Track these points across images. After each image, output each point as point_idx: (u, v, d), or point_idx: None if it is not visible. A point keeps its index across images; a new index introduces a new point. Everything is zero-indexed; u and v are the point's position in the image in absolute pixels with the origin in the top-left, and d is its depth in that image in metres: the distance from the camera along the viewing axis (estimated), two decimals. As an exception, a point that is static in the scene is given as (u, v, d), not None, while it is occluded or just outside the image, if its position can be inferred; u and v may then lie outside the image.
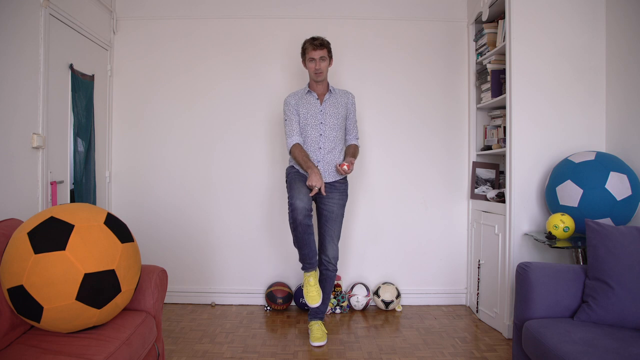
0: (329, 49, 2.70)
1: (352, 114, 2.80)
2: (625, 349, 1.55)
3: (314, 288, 2.58)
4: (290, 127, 2.69)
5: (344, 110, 2.74)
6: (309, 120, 2.70)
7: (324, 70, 2.68)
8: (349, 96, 2.80)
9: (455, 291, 3.42)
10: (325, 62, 2.68)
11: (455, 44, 3.42)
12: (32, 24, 2.40)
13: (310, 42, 2.67)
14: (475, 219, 3.23)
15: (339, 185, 2.73)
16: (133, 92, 3.40)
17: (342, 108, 2.74)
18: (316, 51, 2.64)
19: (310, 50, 2.65)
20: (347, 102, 2.78)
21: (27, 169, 2.37)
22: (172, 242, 3.40)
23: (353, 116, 2.81)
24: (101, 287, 1.61)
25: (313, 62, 2.66)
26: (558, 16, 2.64)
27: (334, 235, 2.70)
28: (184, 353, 2.49)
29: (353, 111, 2.81)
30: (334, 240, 2.70)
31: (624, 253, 1.82)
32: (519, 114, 2.63)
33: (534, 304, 1.92)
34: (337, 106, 2.73)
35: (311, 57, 2.66)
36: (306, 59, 2.70)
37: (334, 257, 2.70)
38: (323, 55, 2.66)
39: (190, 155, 3.41)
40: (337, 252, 2.72)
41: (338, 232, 2.71)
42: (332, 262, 2.69)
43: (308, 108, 2.71)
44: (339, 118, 2.72)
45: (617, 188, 2.23)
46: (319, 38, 2.67)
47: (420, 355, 2.49)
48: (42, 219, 1.63)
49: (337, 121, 2.71)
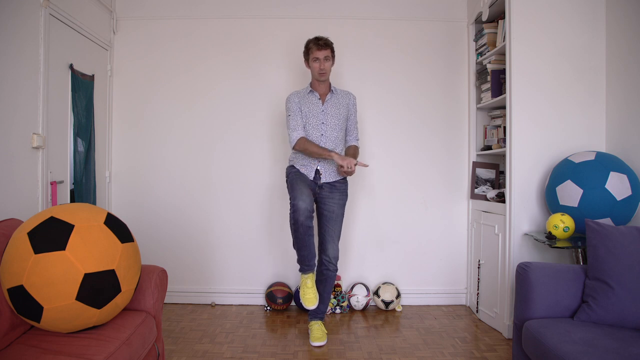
0: (332, 49, 2.70)
1: (353, 114, 2.80)
2: (625, 349, 1.55)
3: (311, 290, 2.58)
4: (294, 122, 2.67)
5: (345, 111, 2.74)
6: (310, 120, 2.69)
7: (327, 70, 2.68)
8: (351, 97, 2.80)
9: (455, 291, 3.42)
10: (329, 62, 2.69)
11: (455, 44, 3.42)
12: (32, 24, 2.40)
13: (314, 42, 2.66)
14: (475, 219, 3.23)
15: (339, 185, 2.73)
16: (133, 92, 3.40)
17: (344, 108, 2.74)
18: (321, 51, 2.64)
19: (315, 50, 2.65)
20: (349, 103, 2.77)
21: (27, 169, 2.37)
22: (172, 242, 3.40)
23: (354, 117, 2.81)
24: (101, 287, 1.61)
25: (317, 62, 2.66)
26: (558, 16, 2.64)
27: (335, 235, 2.69)
28: (184, 353, 2.49)
29: (354, 112, 2.81)
30: (335, 240, 2.70)
31: (624, 253, 1.82)
32: (519, 114, 2.63)
33: (534, 304, 1.92)
34: (339, 106, 2.73)
35: (315, 56, 2.65)
36: (310, 59, 2.70)
37: (334, 257, 2.69)
38: (327, 55, 2.66)
39: (190, 155, 3.41)
40: (338, 252, 2.72)
41: (338, 232, 2.71)
42: (332, 262, 2.69)
43: (310, 108, 2.71)
44: (340, 118, 2.72)
45: (617, 188, 2.23)
46: (323, 38, 2.67)
47: (420, 355, 2.49)
48: (42, 219, 1.63)
49: (339, 121, 2.71)
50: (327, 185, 2.69)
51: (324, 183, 2.70)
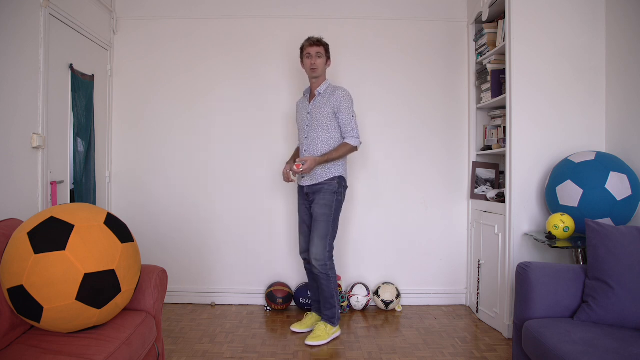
0: (326, 48, 2.73)
1: (343, 111, 2.64)
2: (625, 349, 1.55)
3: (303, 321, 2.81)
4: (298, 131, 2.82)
5: (329, 109, 2.64)
6: (300, 125, 2.79)
7: (319, 67, 2.69)
8: (338, 92, 2.65)
9: (455, 291, 3.42)
10: (322, 59, 2.70)
11: (455, 44, 3.42)
12: (32, 24, 2.40)
13: (307, 40, 2.73)
14: (475, 219, 3.23)
15: (320, 186, 2.68)
16: (133, 92, 3.40)
17: (328, 107, 2.65)
18: (312, 47, 2.68)
19: (307, 47, 2.70)
20: (335, 99, 2.64)
21: (27, 169, 2.37)
22: (172, 242, 3.40)
23: (345, 114, 2.64)
24: (101, 287, 1.61)
25: (309, 58, 2.69)
26: (558, 16, 2.64)
27: (315, 234, 2.64)
28: (184, 353, 2.49)
29: (345, 108, 2.64)
30: (315, 240, 2.64)
31: (624, 253, 1.82)
32: (519, 114, 2.63)
33: (534, 304, 1.92)
34: (323, 106, 2.67)
35: (307, 52, 2.69)
36: (303, 56, 2.73)
37: (314, 257, 2.63)
38: (319, 51, 2.69)
39: (190, 155, 3.40)
40: (320, 252, 2.63)
41: (321, 231, 2.63)
42: (311, 260, 2.65)
43: (300, 112, 2.79)
44: (325, 118, 2.65)
45: (617, 188, 2.23)
46: (317, 37, 2.73)
47: (420, 355, 2.49)
48: (42, 219, 1.63)
49: (323, 121, 2.65)
50: (309, 188, 2.72)
51: (306, 187, 2.74)
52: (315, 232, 2.65)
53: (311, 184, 2.70)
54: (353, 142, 2.67)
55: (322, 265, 2.64)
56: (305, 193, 2.76)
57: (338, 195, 2.68)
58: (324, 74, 2.77)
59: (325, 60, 2.73)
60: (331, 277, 2.68)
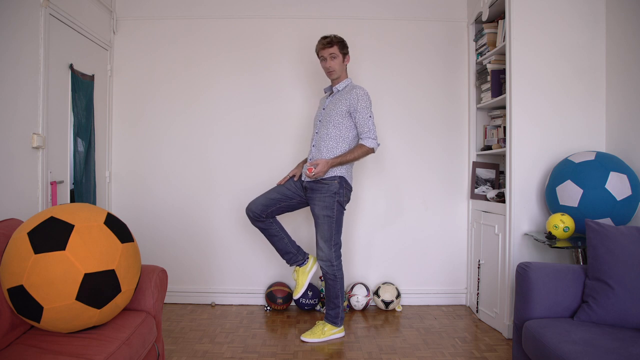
0: (340, 45, 2.66)
1: (360, 110, 2.56)
2: (625, 349, 1.55)
3: (296, 277, 2.79)
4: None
5: (344, 107, 2.60)
6: (314, 120, 2.82)
7: (335, 69, 2.65)
8: (354, 91, 2.58)
9: (455, 291, 3.42)
10: (337, 59, 2.65)
11: (455, 44, 3.42)
12: (32, 24, 2.40)
13: (320, 42, 2.67)
14: (475, 219, 3.23)
15: (319, 186, 2.62)
16: (133, 92, 3.40)
17: (344, 105, 2.60)
18: (325, 49, 2.64)
19: (320, 49, 2.66)
20: (350, 97, 2.58)
21: (27, 169, 2.37)
22: (172, 242, 3.40)
23: (362, 113, 2.57)
24: (101, 287, 1.61)
25: (324, 61, 2.67)
26: (558, 16, 2.64)
27: (319, 237, 2.65)
28: (184, 353, 2.49)
29: (361, 107, 2.56)
30: (319, 243, 2.66)
31: (624, 253, 1.82)
32: (519, 114, 2.63)
33: (534, 304, 1.92)
34: (338, 103, 2.64)
35: (322, 55, 2.67)
36: (319, 59, 2.71)
37: (321, 258, 2.67)
38: (333, 52, 2.63)
39: (190, 154, 3.41)
40: (327, 254, 2.63)
41: (325, 234, 2.62)
42: (320, 263, 2.69)
43: (318, 108, 2.82)
44: (338, 115, 2.61)
45: (617, 188, 2.23)
46: (329, 36, 2.66)
47: (420, 355, 2.49)
48: (42, 219, 1.63)
49: (335, 118, 2.62)
50: (308, 183, 2.68)
51: (305, 182, 2.71)
52: (319, 235, 2.66)
53: (310, 181, 2.69)
54: (370, 144, 2.59)
55: (328, 265, 2.66)
56: (304, 187, 2.72)
57: (339, 197, 2.62)
58: (344, 72, 2.73)
59: (342, 59, 2.68)
60: (338, 277, 2.67)
